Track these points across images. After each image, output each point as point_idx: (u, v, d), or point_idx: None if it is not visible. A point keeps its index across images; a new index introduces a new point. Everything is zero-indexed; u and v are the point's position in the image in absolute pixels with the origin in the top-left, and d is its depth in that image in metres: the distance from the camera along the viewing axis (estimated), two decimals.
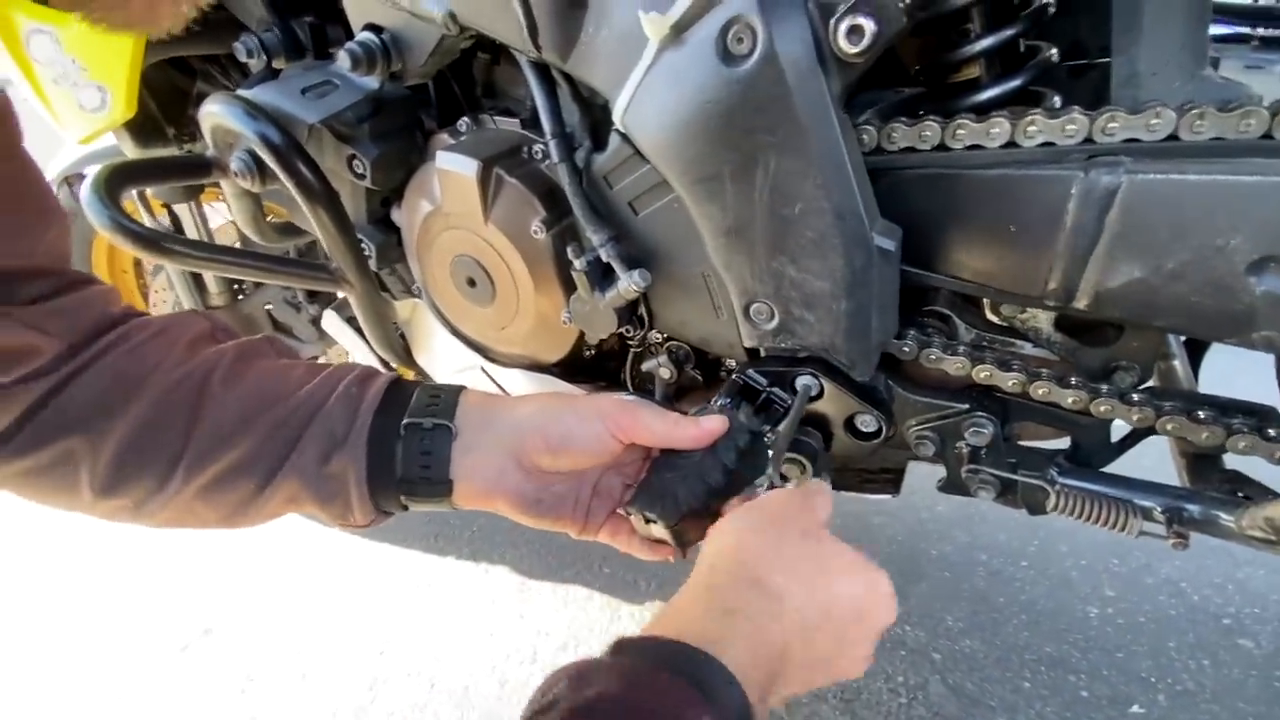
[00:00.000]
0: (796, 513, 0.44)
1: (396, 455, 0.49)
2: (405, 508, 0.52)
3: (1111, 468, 0.63)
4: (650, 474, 0.51)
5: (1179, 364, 0.78)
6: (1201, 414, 0.54)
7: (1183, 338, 0.73)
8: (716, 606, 0.38)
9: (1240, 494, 0.58)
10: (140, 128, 0.89)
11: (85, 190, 0.63)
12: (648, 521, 0.48)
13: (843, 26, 0.43)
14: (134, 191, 1.03)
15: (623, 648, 0.36)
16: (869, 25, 0.42)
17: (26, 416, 0.45)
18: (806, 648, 0.38)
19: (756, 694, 0.34)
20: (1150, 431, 0.58)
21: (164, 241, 0.66)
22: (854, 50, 0.44)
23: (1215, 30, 0.73)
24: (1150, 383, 0.61)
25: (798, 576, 0.39)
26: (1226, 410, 0.54)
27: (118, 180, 0.65)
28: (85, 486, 0.46)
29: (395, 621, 1.20)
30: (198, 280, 1.20)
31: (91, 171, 0.66)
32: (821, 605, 0.39)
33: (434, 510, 0.52)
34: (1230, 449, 0.54)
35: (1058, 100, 0.57)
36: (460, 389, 0.53)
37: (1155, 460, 0.68)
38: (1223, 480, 0.60)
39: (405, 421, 0.50)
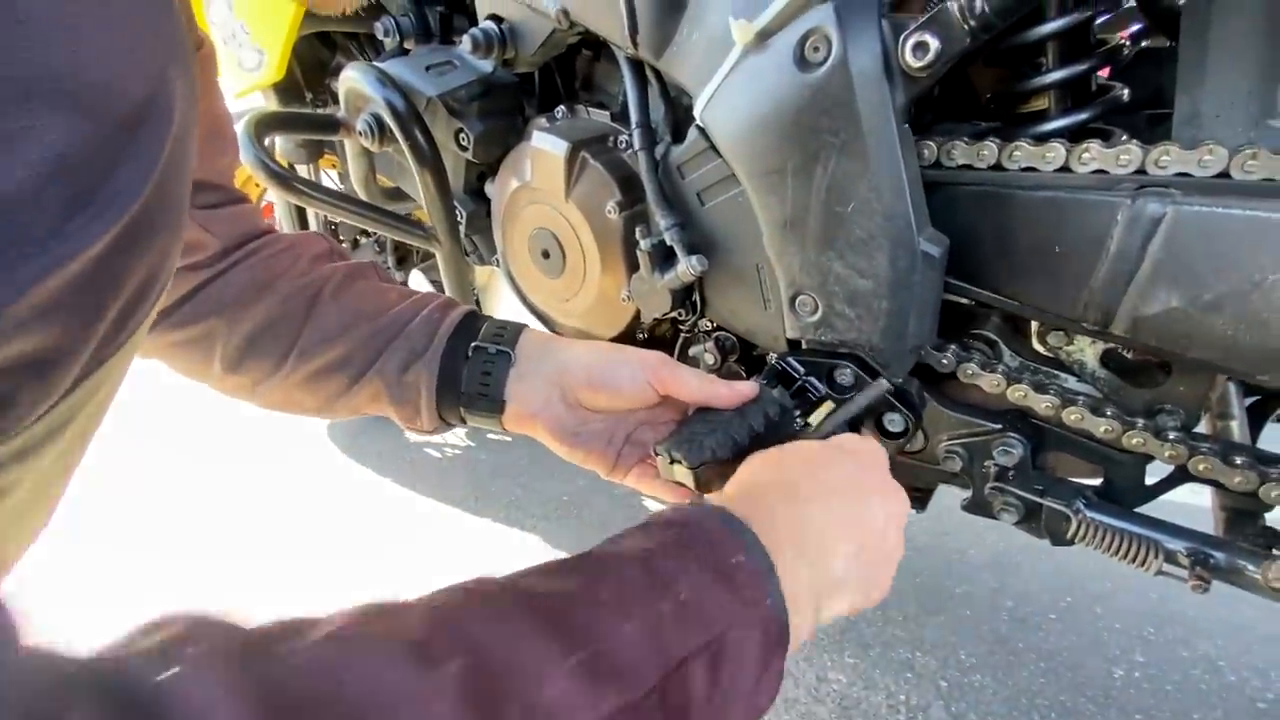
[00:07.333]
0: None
1: (462, 373, 0.56)
2: (464, 421, 0.59)
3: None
4: (682, 424, 0.55)
5: (1237, 425, 0.76)
6: (1238, 459, 0.54)
7: (1247, 401, 0.71)
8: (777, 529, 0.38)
9: (1273, 549, 0.57)
10: (285, 90, 1.02)
11: (239, 130, 0.74)
12: (672, 462, 0.52)
13: (910, 42, 0.48)
14: (268, 141, 1.17)
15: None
16: (933, 42, 0.46)
17: (187, 297, 0.55)
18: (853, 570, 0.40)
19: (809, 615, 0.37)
20: (1184, 474, 0.58)
21: (294, 181, 0.76)
22: (918, 65, 0.48)
23: None
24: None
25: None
26: (1265, 460, 0.54)
27: (265, 125, 0.76)
28: (217, 361, 0.56)
29: None
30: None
31: (243, 117, 0.77)
32: (863, 532, 0.42)
33: (487, 428, 0.58)
34: (1264, 498, 0.53)
35: (1124, 137, 0.58)
36: (524, 326, 0.60)
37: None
38: (1257, 535, 0.59)
39: (474, 345, 0.57)
